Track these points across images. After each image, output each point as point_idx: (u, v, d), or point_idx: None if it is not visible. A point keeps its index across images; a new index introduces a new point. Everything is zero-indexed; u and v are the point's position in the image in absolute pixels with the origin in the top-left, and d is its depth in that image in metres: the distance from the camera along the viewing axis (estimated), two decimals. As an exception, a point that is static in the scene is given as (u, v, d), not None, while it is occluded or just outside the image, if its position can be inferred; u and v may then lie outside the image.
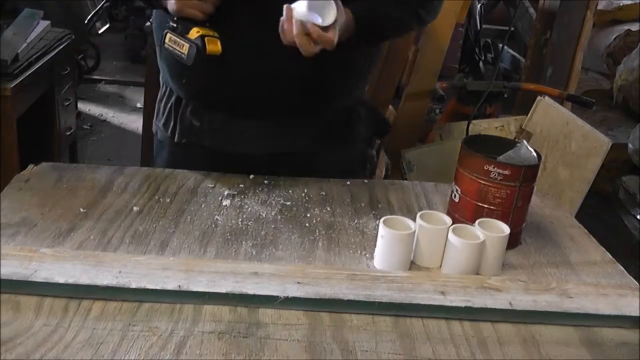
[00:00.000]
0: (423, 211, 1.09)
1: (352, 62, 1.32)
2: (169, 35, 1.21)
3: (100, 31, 5.00)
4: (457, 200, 1.17)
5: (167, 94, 1.40)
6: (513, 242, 1.14)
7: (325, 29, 1.09)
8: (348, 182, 1.38)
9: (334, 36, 1.11)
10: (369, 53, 1.37)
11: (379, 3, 1.26)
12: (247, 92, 1.28)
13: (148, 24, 1.27)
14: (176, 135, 1.38)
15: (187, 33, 1.18)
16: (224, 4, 1.18)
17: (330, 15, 1.09)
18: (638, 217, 2.95)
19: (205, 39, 1.17)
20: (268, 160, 1.38)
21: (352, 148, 1.45)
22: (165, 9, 1.22)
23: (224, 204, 1.24)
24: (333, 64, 1.27)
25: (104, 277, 0.93)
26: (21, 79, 2.50)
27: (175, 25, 1.20)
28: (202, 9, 1.17)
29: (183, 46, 1.18)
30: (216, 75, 1.25)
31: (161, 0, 1.21)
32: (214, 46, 1.18)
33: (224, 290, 0.93)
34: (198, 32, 1.17)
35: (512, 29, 3.96)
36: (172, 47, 1.21)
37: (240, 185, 1.32)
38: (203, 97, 1.33)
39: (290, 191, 1.31)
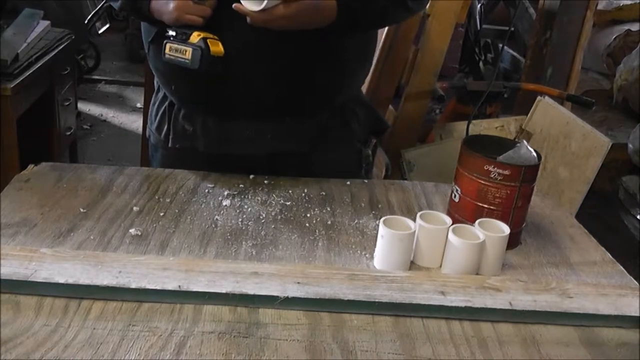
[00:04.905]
0: (423, 211, 1.09)
1: (344, 61, 1.31)
2: (168, 45, 1.20)
3: (100, 31, 5.00)
4: (457, 200, 1.17)
5: (160, 98, 1.40)
6: (513, 242, 1.14)
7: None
8: (348, 182, 1.38)
9: (283, 12, 1.12)
10: (361, 53, 1.36)
11: None
12: (238, 95, 1.27)
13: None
14: (170, 140, 1.37)
15: (189, 38, 1.17)
16: (216, 11, 1.18)
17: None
18: (638, 217, 2.95)
19: (208, 40, 1.17)
20: (262, 161, 1.37)
21: (348, 148, 1.44)
22: (155, 22, 1.21)
23: (224, 204, 1.24)
24: (324, 64, 1.26)
25: (104, 277, 0.93)
26: (21, 79, 2.50)
27: (175, 33, 1.19)
28: (201, 13, 1.17)
29: (186, 52, 1.18)
30: (206, 80, 1.23)
31: (154, 14, 1.21)
32: (217, 47, 1.18)
33: (224, 290, 0.92)
34: (199, 35, 1.17)
35: (512, 29, 3.96)
36: (174, 56, 1.20)
37: (240, 185, 1.32)
38: (194, 101, 1.33)
39: (290, 191, 1.31)
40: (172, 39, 1.20)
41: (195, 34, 1.17)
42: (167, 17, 1.19)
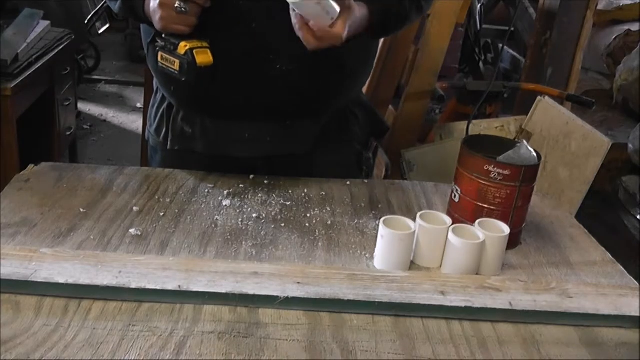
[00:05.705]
0: (423, 211, 1.09)
1: (346, 64, 1.30)
2: (160, 53, 1.20)
3: (100, 31, 5.00)
4: (457, 200, 1.17)
5: (159, 99, 1.40)
6: (513, 242, 1.14)
7: (331, 24, 1.06)
8: (348, 182, 1.38)
9: (342, 31, 1.08)
10: (363, 55, 1.36)
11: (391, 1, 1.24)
12: (237, 98, 1.27)
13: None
14: (169, 143, 1.37)
15: (176, 49, 1.17)
16: (210, 13, 1.17)
17: (334, 6, 1.05)
18: (638, 217, 2.94)
19: (194, 51, 1.16)
20: (261, 163, 1.37)
21: (348, 150, 1.44)
22: (152, 24, 1.21)
23: (224, 204, 1.24)
24: (326, 66, 1.25)
25: (104, 277, 0.93)
26: (21, 79, 2.51)
27: (163, 43, 1.19)
28: (185, 23, 1.15)
29: (174, 63, 1.17)
30: (205, 82, 1.23)
31: (149, 18, 1.21)
32: (205, 57, 1.17)
33: (224, 290, 0.93)
34: (186, 46, 1.16)
35: (512, 29, 3.96)
36: (165, 65, 1.20)
37: (240, 185, 1.32)
38: (193, 104, 1.32)
39: (290, 191, 1.31)
40: (162, 48, 1.19)
41: (182, 44, 1.16)
42: (156, 25, 1.18)
